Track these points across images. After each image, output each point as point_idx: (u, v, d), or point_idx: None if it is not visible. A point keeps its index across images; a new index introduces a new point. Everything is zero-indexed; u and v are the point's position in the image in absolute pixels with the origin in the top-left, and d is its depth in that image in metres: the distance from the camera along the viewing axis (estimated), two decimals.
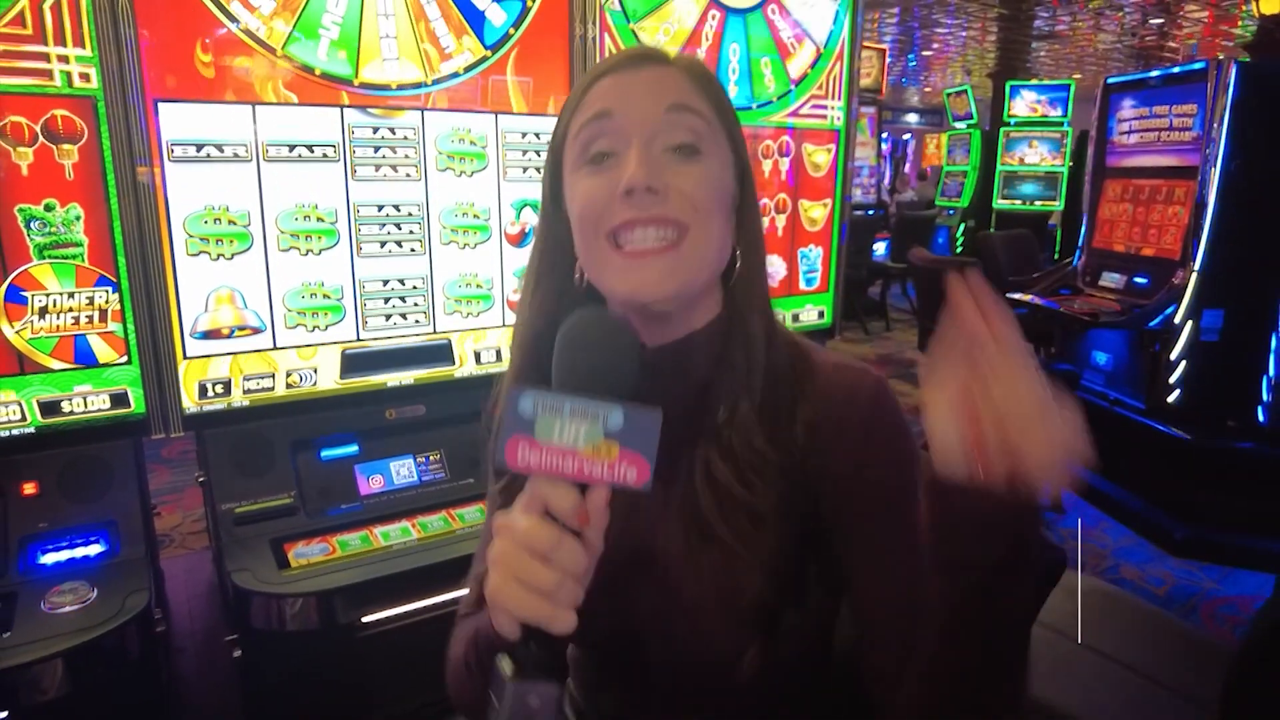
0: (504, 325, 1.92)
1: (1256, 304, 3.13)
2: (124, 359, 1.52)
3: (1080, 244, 3.97)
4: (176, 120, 1.49)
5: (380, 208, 1.73)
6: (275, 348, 1.66)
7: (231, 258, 1.59)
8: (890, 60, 9.90)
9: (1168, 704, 1.46)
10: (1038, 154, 7.69)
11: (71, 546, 1.52)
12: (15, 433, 1.45)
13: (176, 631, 2.24)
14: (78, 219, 1.44)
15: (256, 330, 1.63)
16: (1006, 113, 7.83)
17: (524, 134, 1.86)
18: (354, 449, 1.80)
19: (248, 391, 1.64)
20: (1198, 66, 3.24)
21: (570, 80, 1.87)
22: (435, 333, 1.84)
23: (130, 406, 1.54)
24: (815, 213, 2.39)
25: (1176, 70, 3.41)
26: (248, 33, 1.51)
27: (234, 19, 1.49)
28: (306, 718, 1.59)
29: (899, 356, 6.21)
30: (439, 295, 1.83)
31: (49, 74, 1.38)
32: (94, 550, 1.53)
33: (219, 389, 1.61)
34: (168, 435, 1.58)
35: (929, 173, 13.10)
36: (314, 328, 1.69)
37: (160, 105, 1.47)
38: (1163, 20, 8.13)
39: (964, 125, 8.40)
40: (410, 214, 1.77)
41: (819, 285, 2.46)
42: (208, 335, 1.59)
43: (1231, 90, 3.06)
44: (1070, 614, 1.57)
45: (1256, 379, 3.13)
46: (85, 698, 1.31)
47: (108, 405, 1.52)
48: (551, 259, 0.79)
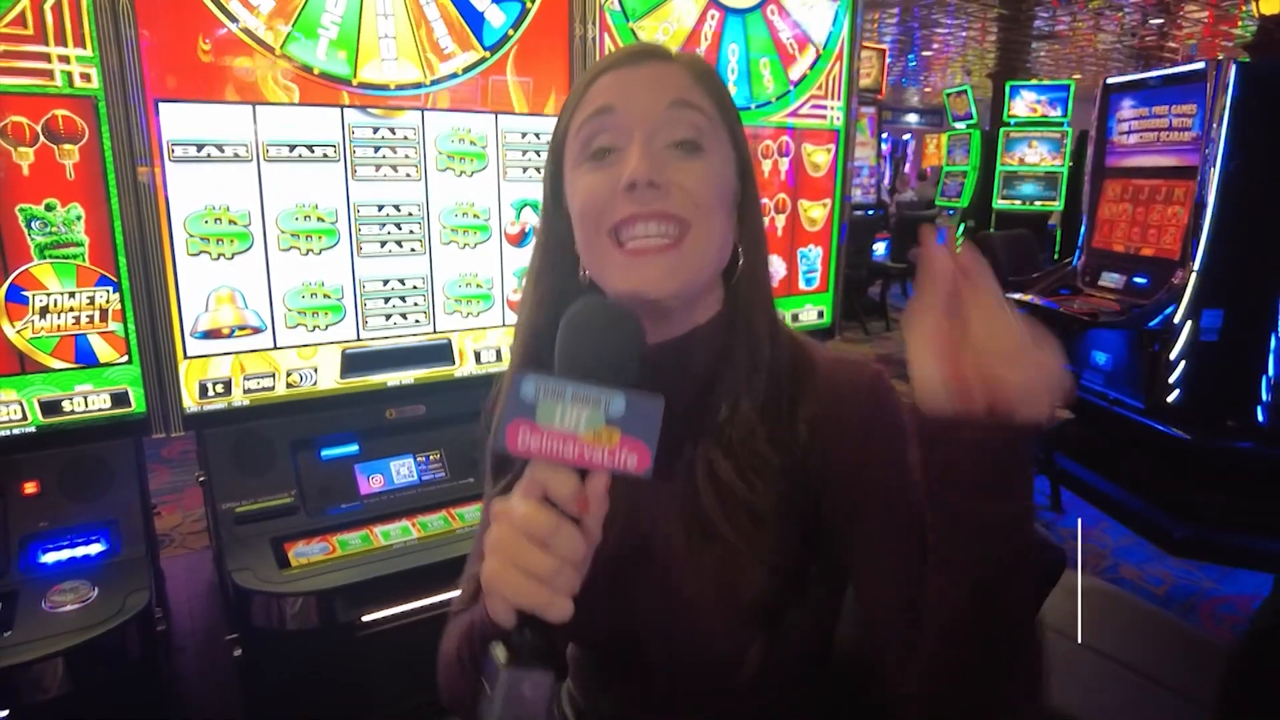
0: (504, 325, 1.92)
1: (1256, 304, 3.13)
2: (124, 359, 1.52)
3: (1080, 244, 3.97)
4: (177, 120, 1.49)
5: (380, 207, 1.73)
6: (275, 347, 1.66)
7: (232, 257, 1.59)
8: (890, 60, 9.90)
9: (1167, 703, 1.46)
10: (1037, 154, 7.69)
11: (72, 546, 1.52)
12: (16, 432, 1.46)
13: (177, 631, 2.24)
14: (78, 219, 1.44)
15: (257, 330, 1.63)
16: (1006, 113, 7.82)
17: (524, 134, 1.86)
18: (354, 449, 1.80)
19: (248, 391, 1.64)
20: (1197, 67, 3.24)
21: (570, 80, 1.87)
22: (435, 332, 1.84)
23: (131, 406, 1.54)
24: (815, 213, 2.39)
25: (1176, 70, 3.41)
26: (247, 32, 1.51)
27: (234, 18, 1.49)
28: (307, 717, 1.59)
29: (899, 356, 6.08)
30: (439, 295, 1.83)
31: (50, 74, 1.38)
32: (94, 549, 1.53)
33: (219, 389, 1.61)
34: (168, 435, 1.58)
35: (929, 173, 13.10)
36: (314, 327, 1.69)
37: (161, 105, 1.47)
38: (1163, 20, 8.14)
39: (964, 125, 8.40)
40: (410, 214, 1.77)
41: (819, 285, 2.46)
42: (208, 335, 1.59)
43: (1231, 90, 3.07)
44: (1070, 614, 1.56)
45: (1256, 379, 3.13)
46: (86, 697, 1.31)
47: (108, 405, 1.52)
48: (553, 257, 0.78)
